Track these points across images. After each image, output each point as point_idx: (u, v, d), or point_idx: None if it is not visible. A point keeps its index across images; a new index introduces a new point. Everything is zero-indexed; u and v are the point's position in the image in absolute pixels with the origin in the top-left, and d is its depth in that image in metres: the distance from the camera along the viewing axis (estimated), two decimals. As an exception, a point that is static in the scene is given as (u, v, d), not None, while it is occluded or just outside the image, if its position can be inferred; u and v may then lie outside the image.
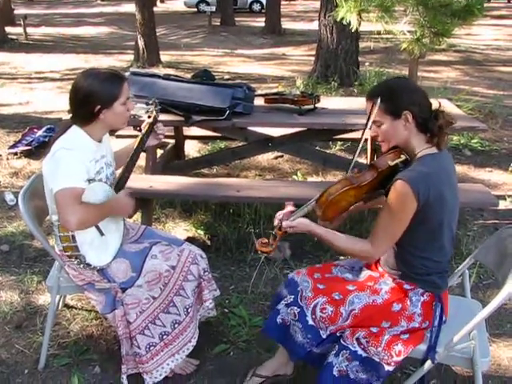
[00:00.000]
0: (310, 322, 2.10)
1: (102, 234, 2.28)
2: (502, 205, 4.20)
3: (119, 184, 2.38)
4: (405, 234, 2.00)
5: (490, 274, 3.34)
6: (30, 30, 14.21)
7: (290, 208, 2.17)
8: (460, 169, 5.02)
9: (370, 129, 2.09)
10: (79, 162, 2.18)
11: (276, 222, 2.12)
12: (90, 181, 2.21)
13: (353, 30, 4.88)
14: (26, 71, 9.63)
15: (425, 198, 1.91)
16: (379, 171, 2.06)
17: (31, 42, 13.25)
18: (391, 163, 2.05)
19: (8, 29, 13.48)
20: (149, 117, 2.58)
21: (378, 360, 2.03)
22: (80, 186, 2.14)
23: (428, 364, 2.07)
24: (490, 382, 2.51)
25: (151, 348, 2.37)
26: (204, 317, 2.68)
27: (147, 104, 2.72)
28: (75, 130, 2.25)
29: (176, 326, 2.40)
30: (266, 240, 2.09)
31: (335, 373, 2.08)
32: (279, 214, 2.15)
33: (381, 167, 2.06)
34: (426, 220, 1.98)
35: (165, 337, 2.39)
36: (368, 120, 2.06)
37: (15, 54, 11.31)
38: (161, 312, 2.37)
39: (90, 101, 2.19)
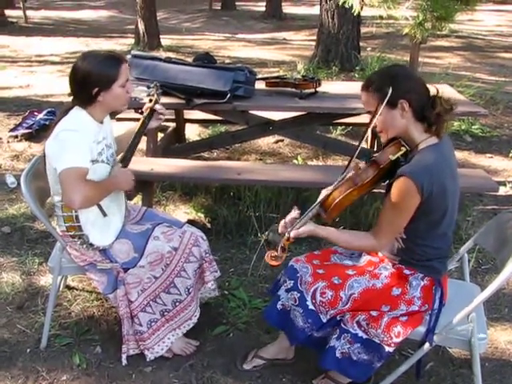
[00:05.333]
0: (311, 307, 2.12)
1: (104, 214, 2.30)
2: (502, 191, 4.20)
3: (122, 165, 2.39)
4: (407, 224, 2.01)
5: (489, 259, 3.35)
6: (29, 13, 14.05)
7: (293, 214, 2.13)
8: (460, 155, 5.01)
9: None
10: (83, 142, 2.19)
11: (281, 230, 2.10)
12: (93, 162, 2.23)
13: (355, 14, 4.84)
14: (26, 54, 9.56)
15: (428, 192, 1.91)
16: (381, 167, 2.05)
17: (31, 26, 13.11)
18: (392, 157, 2.03)
19: (8, 12, 13.34)
20: (150, 100, 2.58)
21: (378, 341, 2.07)
22: (85, 166, 2.16)
23: (426, 346, 2.10)
24: (487, 364, 2.54)
25: (152, 324, 2.41)
26: (206, 297, 2.71)
27: (148, 87, 2.71)
28: (77, 111, 2.26)
29: (177, 304, 2.43)
30: (276, 253, 2.07)
31: (338, 355, 2.11)
32: (283, 222, 2.13)
33: (382, 163, 2.05)
34: (429, 211, 1.98)
35: (166, 313, 2.43)
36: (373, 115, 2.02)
37: (15, 37, 11.20)
38: (162, 291, 2.39)
39: (87, 83, 2.19)
